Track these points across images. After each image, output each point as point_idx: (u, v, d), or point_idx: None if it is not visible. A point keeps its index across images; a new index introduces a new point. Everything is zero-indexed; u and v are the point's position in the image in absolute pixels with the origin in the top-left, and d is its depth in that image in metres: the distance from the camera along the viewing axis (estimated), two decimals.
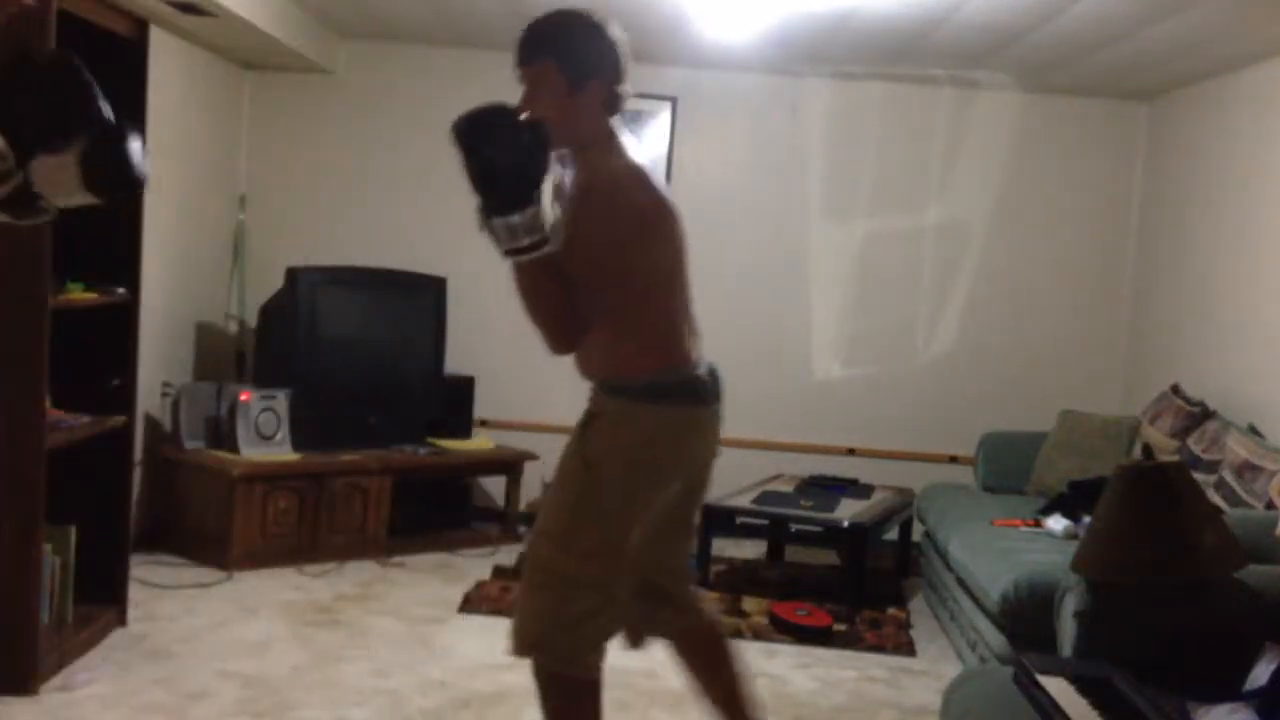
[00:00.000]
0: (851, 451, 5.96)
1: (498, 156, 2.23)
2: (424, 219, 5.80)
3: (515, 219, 2.24)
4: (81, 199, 1.92)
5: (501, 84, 2.66)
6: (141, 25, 3.87)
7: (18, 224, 1.97)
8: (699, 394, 2.51)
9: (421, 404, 5.57)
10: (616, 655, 2.65)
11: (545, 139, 2.28)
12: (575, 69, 2.43)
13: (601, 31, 2.49)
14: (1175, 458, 4.17)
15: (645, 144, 5.75)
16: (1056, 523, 4.27)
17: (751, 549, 5.58)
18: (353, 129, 5.89)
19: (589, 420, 2.49)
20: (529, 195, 2.23)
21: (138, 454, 4.63)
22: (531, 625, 2.46)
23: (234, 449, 4.89)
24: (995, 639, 3.75)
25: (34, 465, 3.34)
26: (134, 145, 1.92)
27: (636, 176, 2.47)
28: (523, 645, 2.47)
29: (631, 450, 2.44)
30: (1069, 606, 2.92)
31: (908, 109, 5.88)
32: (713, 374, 2.58)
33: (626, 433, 2.45)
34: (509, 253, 2.29)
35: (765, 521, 4.93)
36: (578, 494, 2.46)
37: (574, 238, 2.34)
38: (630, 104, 2.57)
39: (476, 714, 3.48)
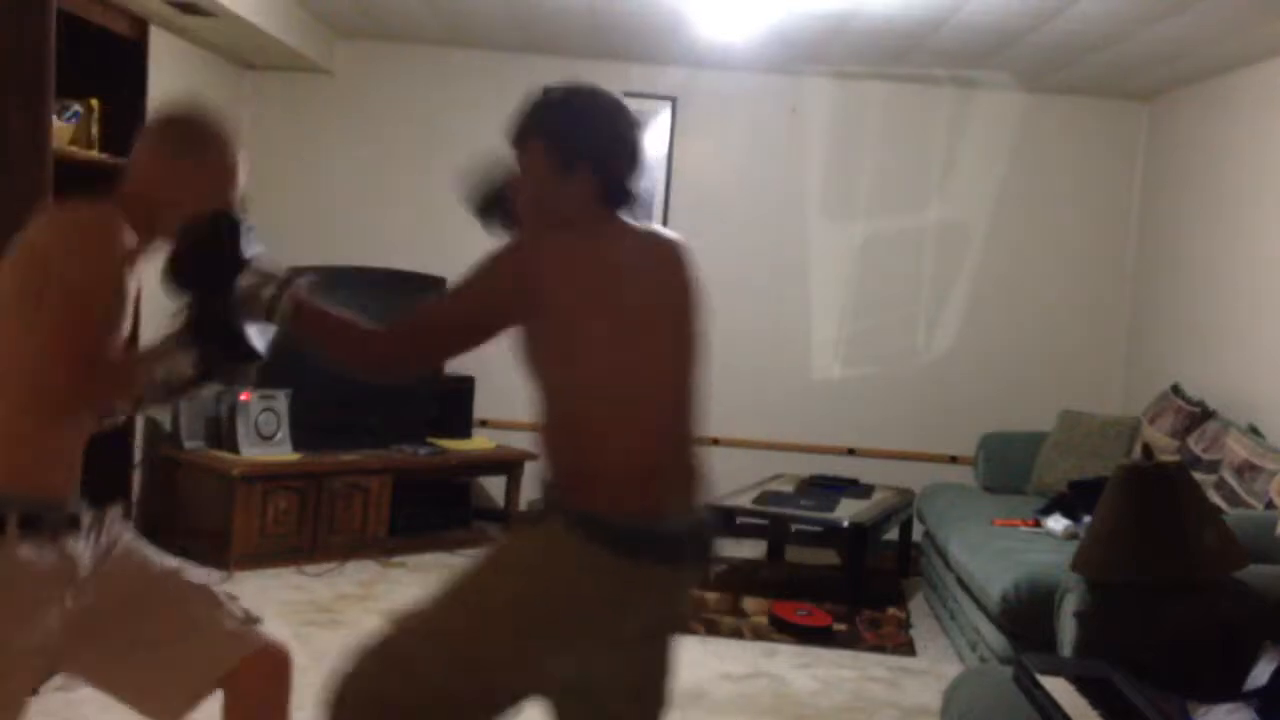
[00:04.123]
0: (851, 451, 5.96)
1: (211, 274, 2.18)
2: (424, 219, 5.80)
3: (251, 281, 2.17)
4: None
5: (500, 83, 2.65)
6: (141, 25, 3.88)
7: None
8: (649, 549, 1.99)
9: (421, 404, 5.57)
10: None
11: (234, 224, 2.18)
12: (565, 150, 2.07)
13: (604, 114, 2.13)
14: (1175, 458, 4.17)
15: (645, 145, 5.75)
16: (1056, 523, 4.27)
17: (751, 549, 5.58)
18: (353, 129, 5.89)
19: (525, 520, 2.12)
20: (235, 269, 2.16)
21: (138, 454, 4.63)
22: (339, 681, 1.98)
23: (234, 449, 4.89)
24: (995, 639, 3.75)
25: None
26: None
27: (572, 259, 2.03)
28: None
29: (539, 578, 1.99)
30: (1069, 606, 2.93)
31: (908, 109, 5.88)
32: (687, 533, 2.07)
33: (537, 555, 2.02)
34: (268, 315, 2.20)
35: (765, 521, 4.93)
36: (465, 576, 2.04)
37: None
38: (630, 104, 2.20)
39: None
